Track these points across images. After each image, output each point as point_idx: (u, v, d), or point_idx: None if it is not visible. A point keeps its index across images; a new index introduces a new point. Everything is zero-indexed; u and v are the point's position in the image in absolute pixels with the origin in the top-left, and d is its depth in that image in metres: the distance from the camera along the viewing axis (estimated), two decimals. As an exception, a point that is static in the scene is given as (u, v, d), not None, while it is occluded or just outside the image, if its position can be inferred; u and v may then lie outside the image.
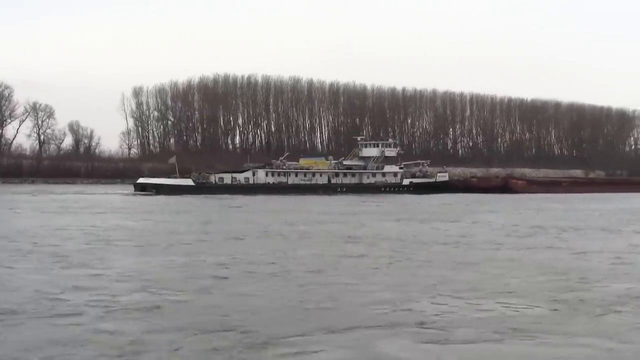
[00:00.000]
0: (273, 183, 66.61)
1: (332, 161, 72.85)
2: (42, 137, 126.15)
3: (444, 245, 20.68)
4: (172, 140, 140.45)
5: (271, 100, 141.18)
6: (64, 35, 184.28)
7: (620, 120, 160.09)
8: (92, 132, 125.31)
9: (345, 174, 72.05)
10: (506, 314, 10.58)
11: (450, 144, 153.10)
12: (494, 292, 12.56)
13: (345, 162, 73.53)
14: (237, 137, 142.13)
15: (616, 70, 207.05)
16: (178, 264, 15.86)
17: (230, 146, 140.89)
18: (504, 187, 69.24)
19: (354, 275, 14.41)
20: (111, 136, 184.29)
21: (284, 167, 69.15)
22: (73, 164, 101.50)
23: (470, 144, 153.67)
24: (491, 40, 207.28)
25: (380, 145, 75.16)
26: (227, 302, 11.30)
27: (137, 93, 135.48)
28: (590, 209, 43.22)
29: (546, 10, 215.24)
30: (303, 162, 71.93)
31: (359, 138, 78.73)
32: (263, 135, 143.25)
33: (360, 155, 74.81)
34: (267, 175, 66.93)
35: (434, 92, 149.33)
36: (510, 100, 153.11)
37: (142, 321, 9.87)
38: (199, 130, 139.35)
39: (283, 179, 68.25)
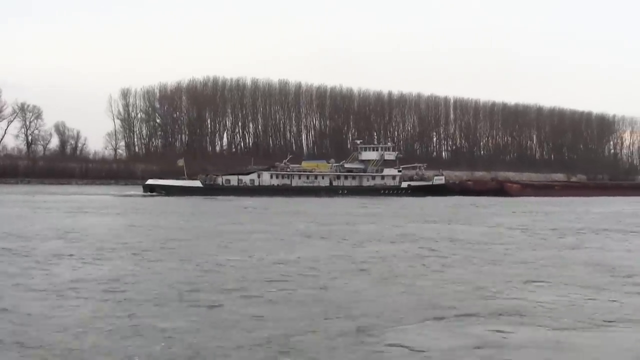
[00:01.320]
0: (277, 185, 68.14)
1: (334, 164, 74.85)
2: (29, 137, 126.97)
3: (489, 245, 22.37)
4: (158, 142, 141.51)
5: (260, 103, 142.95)
6: (51, 36, 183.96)
7: (600, 125, 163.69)
8: (78, 132, 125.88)
9: (346, 177, 73.79)
10: (581, 304, 11.95)
11: (434, 148, 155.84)
12: (562, 284, 14.05)
13: (346, 165, 75.45)
14: (225, 140, 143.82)
15: (598, 75, 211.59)
16: (274, 261, 17.22)
17: (218, 148, 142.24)
18: (500, 190, 71.51)
19: (432, 272, 15.88)
20: (97, 137, 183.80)
21: (288, 170, 70.92)
22: (67, 165, 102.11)
23: (454, 147, 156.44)
24: (479, 45, 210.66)
25: (379, 149, 77.37)
26: (341, 294, 12.69)
27: (125, 94, 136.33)
28: (592, 212, 45.17)
29: (532, 17, 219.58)
30: (305, 164, 73.67)
31: (358, 141, 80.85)
32: (249, 137, 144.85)
33: (360, 158, 76.74)
34: (271, 177, 68.55)
35: (419, 95, 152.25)
36: (493, 104, 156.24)
37: (271, 309, 11.16)
38: (186, 132, 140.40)
39: (287, 181, 69.73)
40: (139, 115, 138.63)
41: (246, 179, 67.08)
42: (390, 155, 76.70)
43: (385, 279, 14.65)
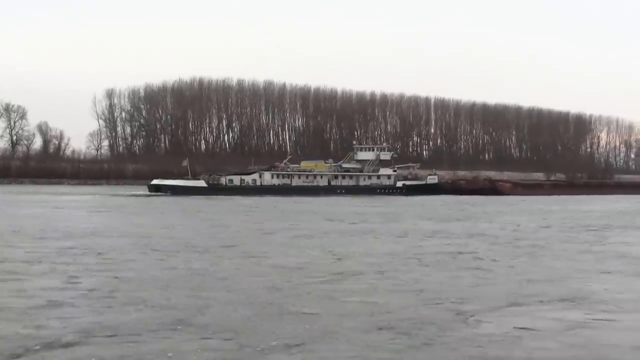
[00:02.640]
0: (278, 185, 69.87)
1: (332, 164, 76.82)
2: (14, 137, 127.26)
3: (522, 240, 23.96)
4: (141, 142, 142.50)
5: (246, 103, 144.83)
6: (34, 36, 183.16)
7: (578, 124, 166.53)
8: (61, 132, 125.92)
9: (343, 176, 75.71)
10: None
11: (416, 147, 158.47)
12: (607, 273, 15.86)
13: (344, 165, 77.43)
14: (210, 139, 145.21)
15: (576, 75, 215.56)
16: (341, 256, 18.79)
17: (203, 148, 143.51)
18: (492, 189, 73.79)
19: (491, 265, 17.28)
20: (79, 137, 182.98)
21: (288, 170, 72.70)
22: (59, 165, 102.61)
23: (434, 147, 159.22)
24: (463, 45, 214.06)
25: (375, 149, 79.67)
26: (428, 284, 14.21)
27: (109, 94, 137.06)
28: (588, 210, 47.24)
29: (514, 19, 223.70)
30: (304, 164, 75.45)
31: (354, 142, 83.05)
32: (233, 137, 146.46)
33: (356, 158, 78.84)
34: (272, 177, 70.31)
35: (401, 96, 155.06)
36: (473, 104, 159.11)
37: (373, 297, 12.80)
38: (170, 131, 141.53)
39: (287, 181, 71.39)
40: (122, 115, 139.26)
41: (248, 178, 68.66)
42: (385, 155, 78.93)
43: (453, 270, 16.31)
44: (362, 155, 78.47)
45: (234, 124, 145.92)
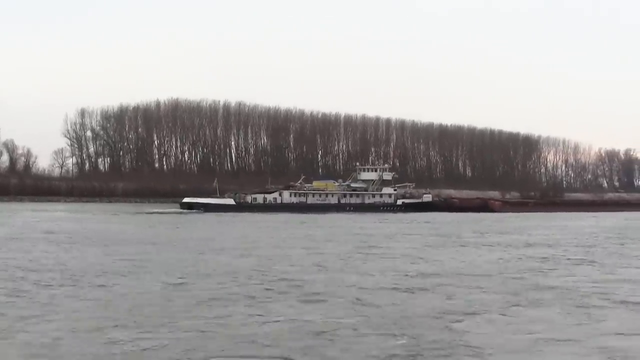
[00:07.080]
0: (295, 202, 75.77)
1: (342, 184, 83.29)
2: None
3: (594, 247, 30.45)
4: (106, 160, 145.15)
5: (217, 123, 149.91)
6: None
7: (526, 145, 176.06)
8: (29, 150, 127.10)
9: (351, 195, 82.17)
10: None
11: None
12: None
13: (352, 185, 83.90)
14: (176, 158, 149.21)
15: (526, 97, 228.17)
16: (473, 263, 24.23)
17: (172, 166, 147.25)
18: (484, 206, 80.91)
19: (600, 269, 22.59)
20: (45, 155, 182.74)
21: (305, 189, 78.85)
22: (53, 183, 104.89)
23: (390, 166, 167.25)
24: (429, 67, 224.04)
25: (378, 170, 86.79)
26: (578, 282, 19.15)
27: (81, 113, 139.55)
28: (582, 225, 52.09)
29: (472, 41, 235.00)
30: (316, 184, 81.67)
31: (357, 163, 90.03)
32: (199, 156, 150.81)
33: (359, 178, 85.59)
34: (290, 196, 76.33)
35: (364, 117, 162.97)
36: (430, 124, 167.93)
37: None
38: (136, 150, 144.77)
39: (303, 199, 77.35)
40: (88, 134, 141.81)
41: (270, 197, 74.49)
42: (387, 176, 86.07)
43: (610, 266, 22.07)
44: (365, 175, 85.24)
45: (200, 144, 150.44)
